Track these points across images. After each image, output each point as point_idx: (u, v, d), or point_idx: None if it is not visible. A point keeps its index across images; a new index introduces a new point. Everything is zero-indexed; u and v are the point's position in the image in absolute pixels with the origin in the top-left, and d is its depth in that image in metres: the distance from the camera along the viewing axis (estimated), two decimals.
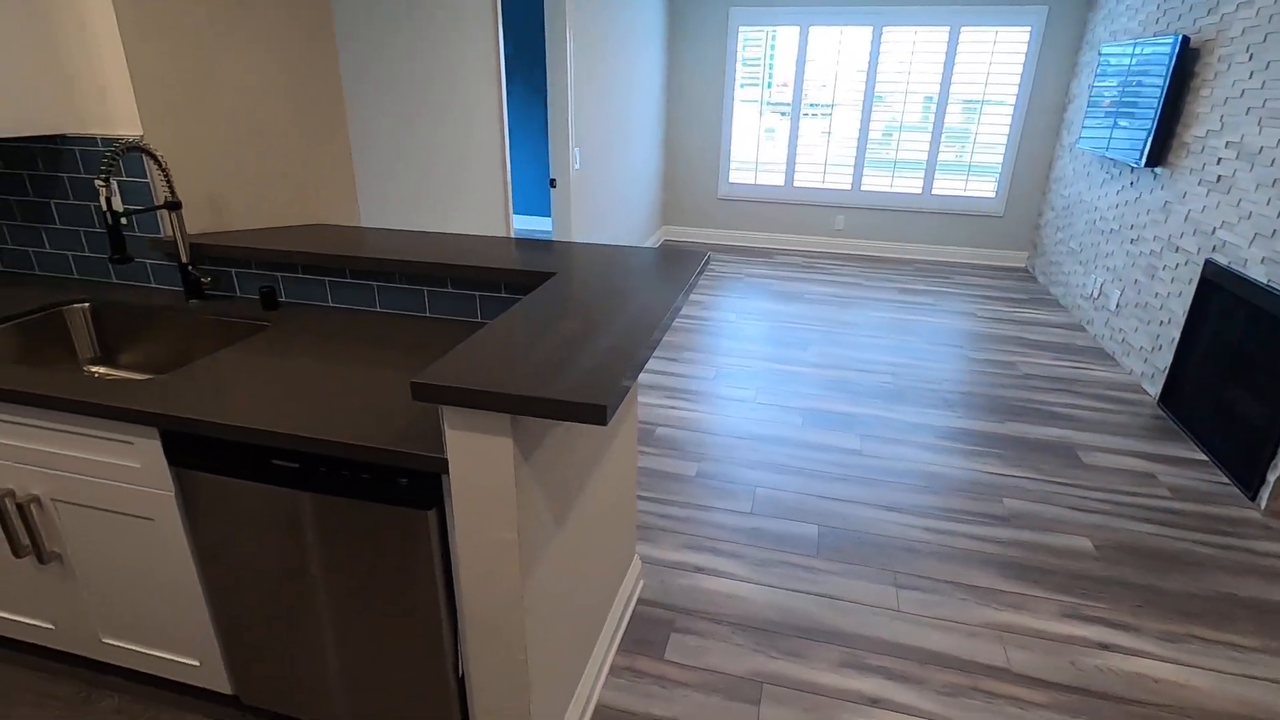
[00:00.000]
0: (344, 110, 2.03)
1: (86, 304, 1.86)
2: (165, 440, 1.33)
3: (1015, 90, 5.55)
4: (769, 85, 6.13)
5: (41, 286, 1.94)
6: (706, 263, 1.77)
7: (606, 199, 4.75)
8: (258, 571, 1.39)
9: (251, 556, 1.38)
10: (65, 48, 1.75)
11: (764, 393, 3.46)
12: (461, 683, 1.38)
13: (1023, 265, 5.95)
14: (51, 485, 1.46)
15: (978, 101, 5.68)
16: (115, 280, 1.99)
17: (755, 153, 6.33)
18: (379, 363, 1.49)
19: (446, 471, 1.15)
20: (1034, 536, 2.40)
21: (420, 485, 1.19)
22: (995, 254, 6.00)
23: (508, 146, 3.29)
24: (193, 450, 1.32)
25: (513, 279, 1.65)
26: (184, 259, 1.81)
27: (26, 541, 1.55)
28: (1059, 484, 2.72)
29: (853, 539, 2.36)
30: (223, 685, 1.57)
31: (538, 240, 1.91)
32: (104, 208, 1.55)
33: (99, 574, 1.54)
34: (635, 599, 2.05)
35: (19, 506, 1.49)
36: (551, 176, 3.91)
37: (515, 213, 7.55)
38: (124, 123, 1.77)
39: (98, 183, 1.53)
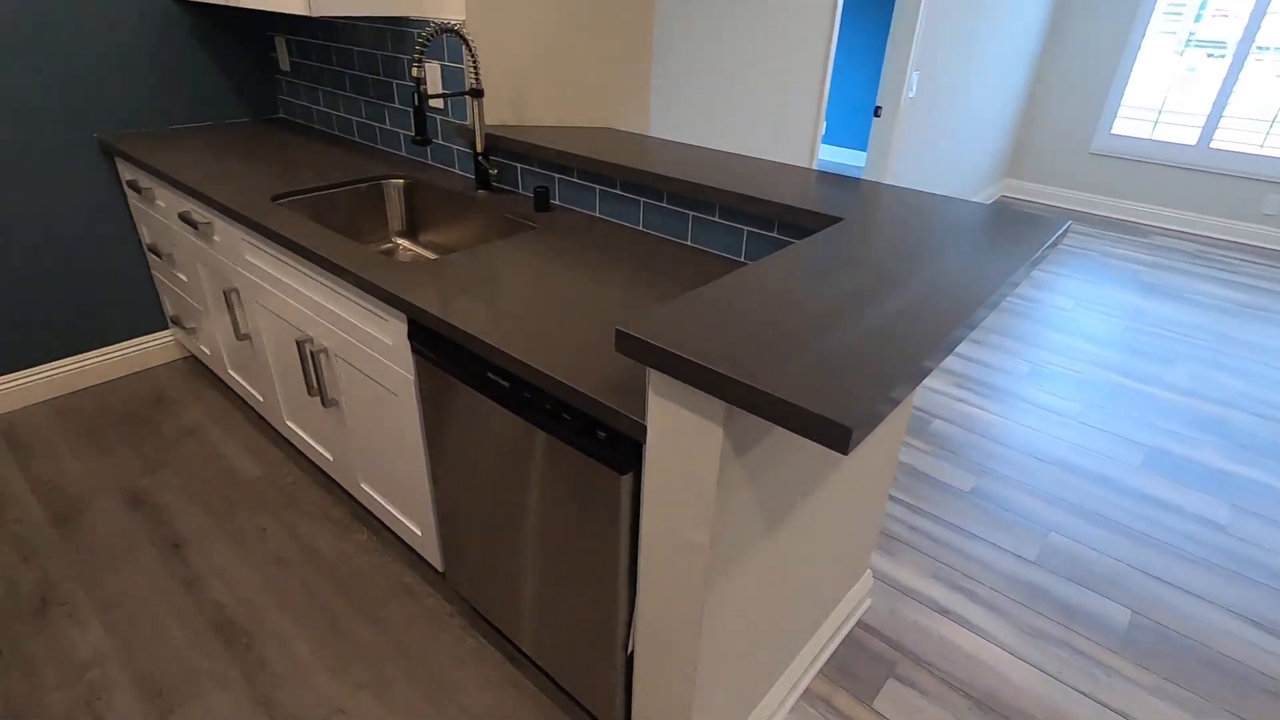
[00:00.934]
0: (652, 6, 1.84)
1: (401, 181, 2.01)
2: (410, 326, 1.34)
3: None
4: (1200, 13, 4.56)
5: (377, 159, 2.15)
6: (1065, 232, 1.26)
7: (940, 137, 4.03)
8: (472, 472, 1.38)
9: (468, 457, 1.37)
10: None
11: (1094, 410, 2.69)
12: (631, 660, 1.24)
13: None
14: (336, 341, 1.60)
15: None
16: (430, 162, 2.12)
17: (1161, 98, 4.86)
18: (619, 285, 1.33)
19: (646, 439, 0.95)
20: None
21: (619, 444, 1.02)
22: None
23: (831, 64, 2.86)
24: (429, 342, 1.31)
25: (787, 217, 1.35)
26: (478, 149, 1.83)
27: (315, 384, 1.76)
28: None
29: (1184, 648, 1.71)
30: (435, 560, 1.66)
31: (839, 176, 1.56)
32: (414, 88, 1.58)
33: (361, 428, 1.70)
34: (855, 620, 1.73)
35: (312, 354, 1.68)
36: (877, 103, 3.37)
37: (824, 142, 7.00)
38: (452, 7, 1.80)
39: (411, 64, 1.56)
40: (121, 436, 2.28)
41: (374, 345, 1.48)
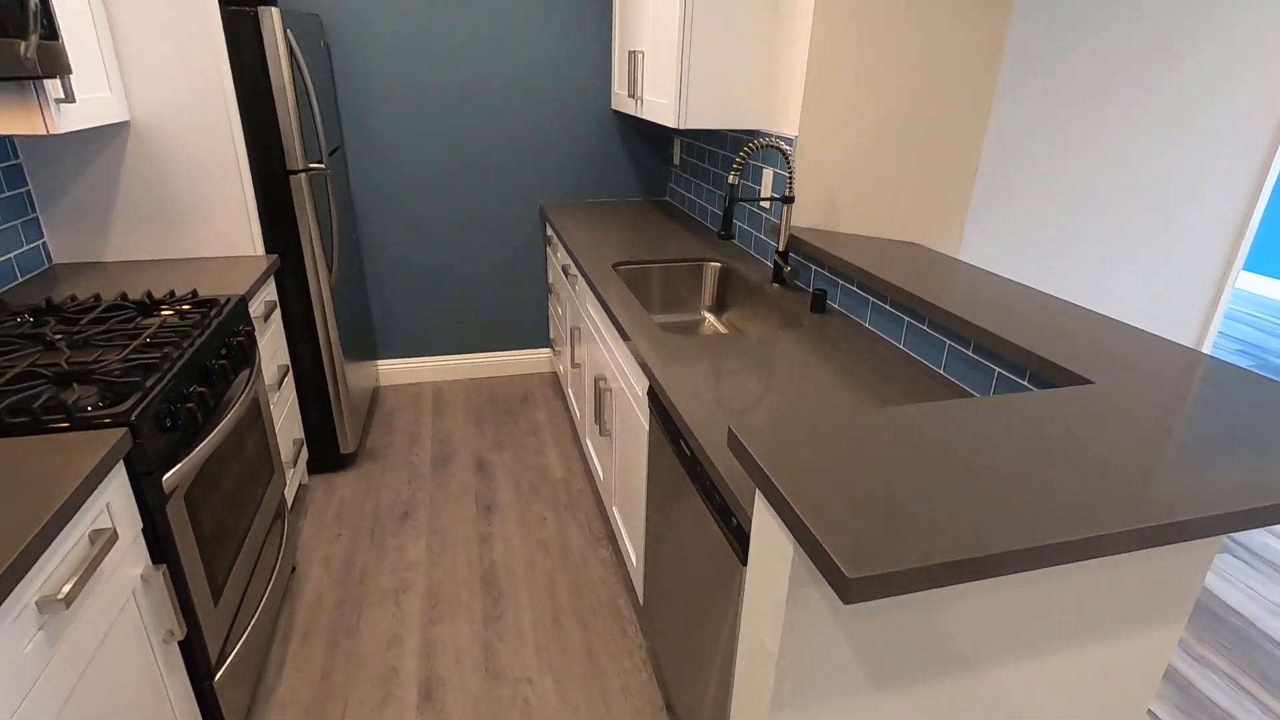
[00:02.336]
0: (986, 124, 1.79)
1: (718, 265, 2.31)
2: (650, 384, 1.59)
3: None
4: None
5: (710, 242, 2.50)
6: None
7: None
8: (666, 523, 1.56)
9: (665, 508, 1.55)
10: (775, 62, 2.10)
11: None
12: None
13: None
14: (619, 385, 1.96)
15: None
16: (752, 252, 2.39)
17: None
18: (844, 395, 1.37)
19: None
20: None
21: (744, 536, 1.09)
22: None
23: (1277, 168, 2.26)
24: (656, 402, 1.54)
25: (1034, 365, 1.21)
26: (780, 247, 2.02)
27: (600, 415, 2.15)
28: None
29: None
30: (639, 593, 1.87)
31: (1136, 332, 1.32)
32: (728, 192, 1.86)
33: (619, 460, 2.02)
34: None
35: (602, 391, 2.07)
36: None
37: (1247, 269, 5.38)
38: (789, 123, 2.04)
39: (733, 172, 1.84)
40: (493, 418, 3.06)
41: (633, 394, 1.77)
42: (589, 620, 1.98)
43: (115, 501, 1.15)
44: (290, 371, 2.34)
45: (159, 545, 1.27)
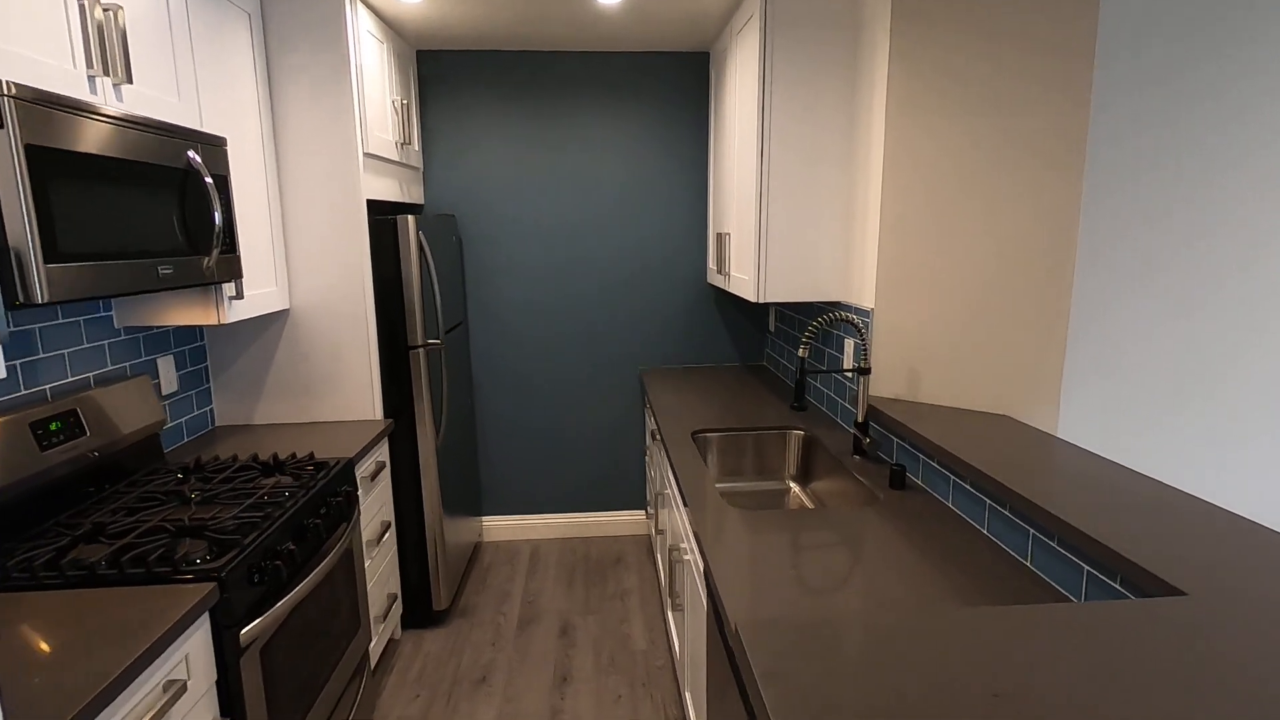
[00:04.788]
0: (1069, 296, 1.71)
1: (801, 434, 2.28)
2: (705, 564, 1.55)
3: None
4: None
5: (790, 410, 2.48)
6: None
7: None
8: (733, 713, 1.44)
9: (720, 701, 1.44)
10: (849, 238, 2.18)
11: None
12: None
13: None
14: (687, 557, 1.91)
15: None
16: (838, 420, 2.34)
17: None
18: (911, 589, 1.26)
19: None
20: None
21: None
22: None
23: None
24: (710, 579, 1.48)
25: (1123, 569, 1.07)
26: (859, 418, 1.97)
27: (671, 587, 2.08)
28: None
29: None
30: None
31: (1252, 529, 1.14)
32: (799, 364, 1.88)
33: (688, 639, 1.92)
34: None
35: (676, 561, 2.02)
36: None
37: None
38: (866, 295, 2.07)
39: (802, 345, 1.87)
40: (584, 578, 3.04)
41: (696, 566, 1.72)
42: None
43: (195, 652, 1.27)
44: (392, 528, 2.50)
45: (229, 698, 1.36)
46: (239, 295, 1.93)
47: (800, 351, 1.87)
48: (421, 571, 2.62)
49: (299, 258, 2.32)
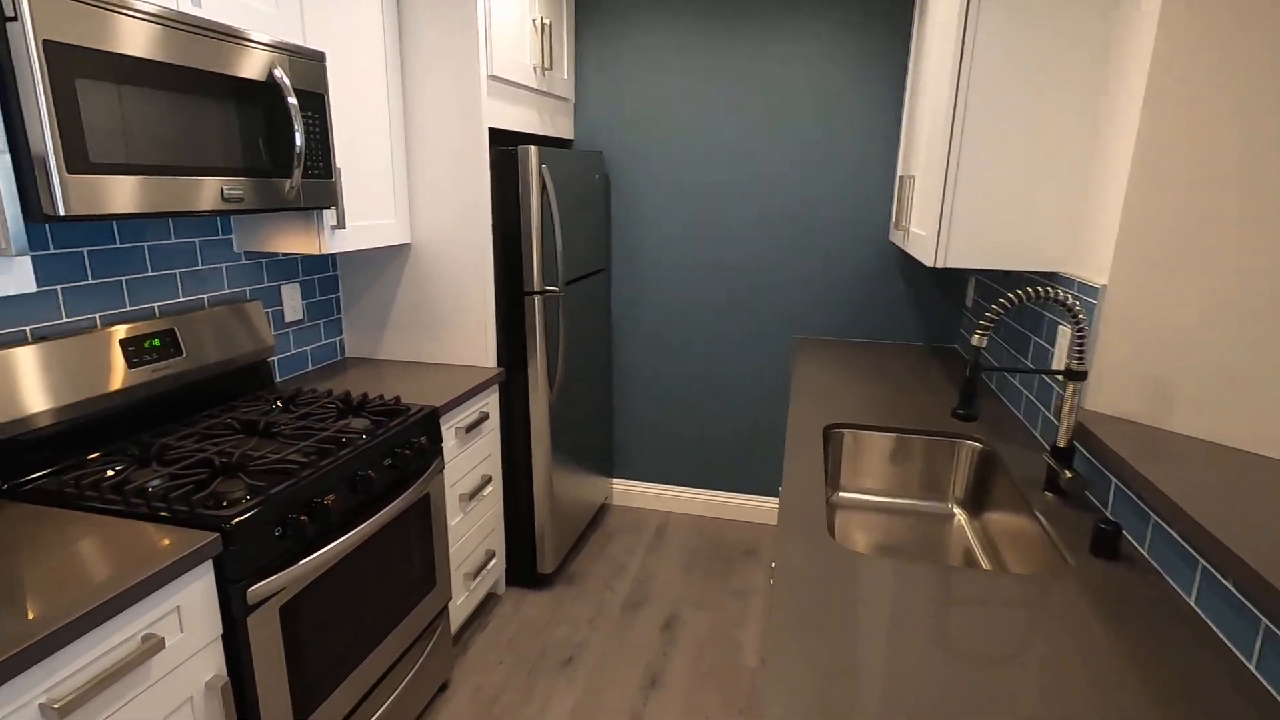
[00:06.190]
0: None
1: (978, 446, 1.71)
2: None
3: None
4: None
5: (985, 409, 1.89)
6: None
7: None
8: None
9: None
10: (1079, 182, 1.53)
11: None
12: None
13: None
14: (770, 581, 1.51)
15: None
16: (1037, 432, 1.72)
17: None
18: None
19: None
20: None
21: None
22: None
23: None
24: None
25: None
26: (1060, 441, 1.38)
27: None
28: None
29: None
30: None
31: None
32: (972, 358, 1.34)
33: None
34: None
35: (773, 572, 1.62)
36: None
37: None
38: (1097, 267, 1.44)
39: (978, 331, 1.33)
40: (708, 567, 2.72)
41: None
42: None
43: (190, 605, 1.17)
44: (495, 482, 2.37)
45: (237, 657, 1.27)
46: (340, 225, 1.83)
47: (974, 339, 1.33)
48: (528, 531, 2.48)
49: (421, 189, 2.20)
